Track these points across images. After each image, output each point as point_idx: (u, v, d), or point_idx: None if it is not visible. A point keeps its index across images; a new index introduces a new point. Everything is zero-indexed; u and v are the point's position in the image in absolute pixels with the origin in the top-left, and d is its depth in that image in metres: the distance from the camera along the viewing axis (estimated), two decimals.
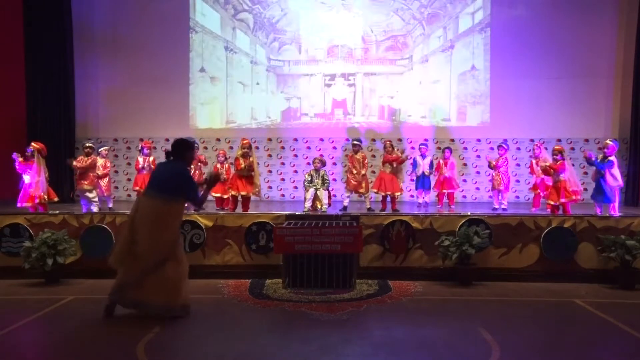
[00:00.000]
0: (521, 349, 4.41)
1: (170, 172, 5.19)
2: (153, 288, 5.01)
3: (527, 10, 10.64)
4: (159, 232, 5.03)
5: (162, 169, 5.33)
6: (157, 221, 5.04)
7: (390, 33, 10.99)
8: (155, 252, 5.02)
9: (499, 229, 6.92)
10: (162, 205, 5.06)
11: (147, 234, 5.01)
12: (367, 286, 6.42)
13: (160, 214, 5.06)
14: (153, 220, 5.03)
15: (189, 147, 5.35)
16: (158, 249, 5.03)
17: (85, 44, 10.82)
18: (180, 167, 5.26)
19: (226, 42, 11.09)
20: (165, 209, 5.08)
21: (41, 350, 4.53)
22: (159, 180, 5.17)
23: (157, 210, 5.05)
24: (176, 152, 5.26)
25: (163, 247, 5.05)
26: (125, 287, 5.09)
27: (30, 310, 5.39)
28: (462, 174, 10.49)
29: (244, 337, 4.63)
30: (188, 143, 5.38)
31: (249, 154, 8.18)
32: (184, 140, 5.38)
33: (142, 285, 5.02)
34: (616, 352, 4.51)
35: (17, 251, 6.73)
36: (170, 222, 5.13)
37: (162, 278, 5.02)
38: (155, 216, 5.04)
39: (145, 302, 5.05)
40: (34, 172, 7.82)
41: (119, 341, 4.54)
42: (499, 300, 5.98)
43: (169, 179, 5.14)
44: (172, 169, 5.22)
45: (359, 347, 4.41)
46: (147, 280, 5.01)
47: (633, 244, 6.45)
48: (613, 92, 10.61)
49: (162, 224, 5.06)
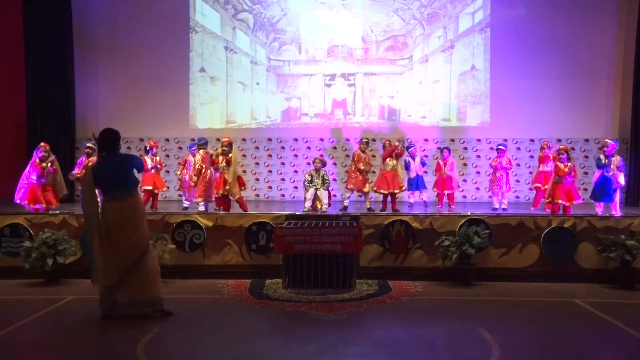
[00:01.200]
0: (521, 349, 4.41)
1: (115, 167, 5.10)
2: (138, 283, 5.02)
3: (527, 10, 10.64)
4: (133, 231, 5.04)
5: (105, 166, 5.14)
6: (128, 221, 5.03)
7: (390, 33, 10.98)
8: (134, 250, 5.03)
9: (499, 229, 6.92)
10: (126, 204, 5.05)
11: (123, 236, 5.00)
12: (367, 286, 6.43)
13: (129, 212, 5.05)
14: (125, 221, 5.02)
15: (118, 135, 5.24)
16: (137, 246, 5.04)
17: (86, 44, 10.81)
18: (120, 159, 5.19)
19: (226, 42, 11.09)
20: (130, 206, 5.07)
21: (41, 350, 4.53)
22: (111, 182, 5.08)
23: (124, 210, 5.03)
24: (109, 144, 5.16)
25: (140, 243, 5.07)
26: (111, 292, 5.04)
27: (31, 310, 5.40)
28: (462, 174, 10.49)
29: (244, 337, 4.63)
30: (115, 132, 5.22)
31: (228, 151, 8.02)
32: (110, 131, 5.21)
33: (128, 284, 5.01)
34: (616, 352, 4.51)
35: (17, 251, 6.75)
36: (139, 217, 5.13)
37: (144, 271, 5.05)
38: (126, 217, 5.03)
39: (135, 301, 5.03)
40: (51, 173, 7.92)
41: (118, 341, 4.55)
42: (499, 300, 5.98)
43: (118, 174, 5.07)
44: (115, 163, 5.12)
45: (358, 347, 4.41)
46: (130, 278, 5.01)
47: (633, 243, 6.46)
48: (613, 92, 10.61)
49: (133, 222, 5.06)
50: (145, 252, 5.12)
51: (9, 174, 8.17)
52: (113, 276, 5.03)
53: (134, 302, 5.05)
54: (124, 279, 5.02)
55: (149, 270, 5.11)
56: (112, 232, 5.04)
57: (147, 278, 5.09)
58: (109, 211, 5.07)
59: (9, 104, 10.25)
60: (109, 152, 5.17)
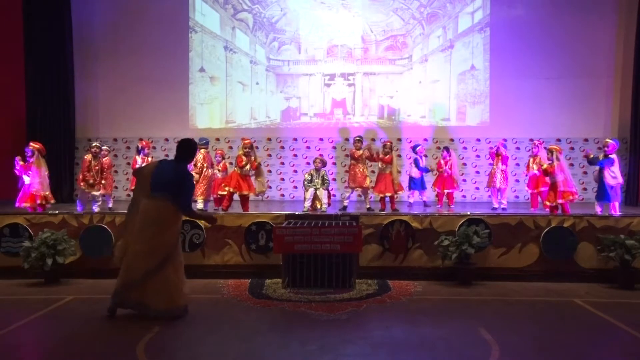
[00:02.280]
0: (521, 348, 4.42)
1: (174, 172, 5.18)
2: (155, 291, 5.03)
3: (527, 10, 10.64)
4: (162, 232, 5.07)
5: (166, 169, 5.23)
6: (161, 221, 5.07)
7: (389, 33, 10.98)
8: (158, 252, 5.05)
9: (499, 228, 6.94)
10: (167, 206, 5.08)
11: (151, 235, 5.04)
12: (366, 286, 6.43)
13: (164, 214, 5.08)
14: (157, 220, 5.06)
15: (195, 149, 5.39)
16: (161, 248, 5.06)
17: (85, 44, 10.81)
18: (184, 169, 5.28)
19: (226, 42, 11.09)
20: (170, 209, 5.10)
21: (41, 350, 4.55)
22: (164, 182, 5.12)
23: (161, 210, 5.07)
24: (182, 152, 5.26)
25: (166, 247, 5.09)
26: (129, 288, 5.09)
27: (30, 310, 5.41)
28: (461, 174, 10.49)
29: (244, 337, 4.64)
30: (194, 145, 5.39)
31: (250, 153, 8.13)
32: (191, 142, 5.35)
33: (145, 287, 5.04)
34: (616, 351, 4.52)
35: (17, 251, 6.76)
36: (172, 222, 5.17)
37: (163, 280, 5.05)
38: (160, 216, 5.07)
39: (146, 304, 5.05)
40: (35, 173, 7.82)
41: (118, 341, 4.56)
42: (498, 300, 5.99)
43: (173, 179, 5.12)
44: (176, 169, 5.21)
45: (358, 347, 4.41)
46: (150, 281, 5.03)
47: (632, 243, 6.48)
48: (613, 92, 10.60)
49: (166, 224, 5.10)
50: (169, 258, 5.09)
51: (8, 175, 8.15)
52: (135, 273, 5.06)
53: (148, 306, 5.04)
54: (143, 280, 5.03)
55: (167, 281, 5.07)
56: (142, 229, 5.06)
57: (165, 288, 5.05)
58: (146, 209, 5.11)
59: (8, 104, 10.25)
60: (178, 159, 5.24)
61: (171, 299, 5.08)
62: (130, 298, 5.09)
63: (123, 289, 5.12)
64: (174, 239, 5.20)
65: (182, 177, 5.18)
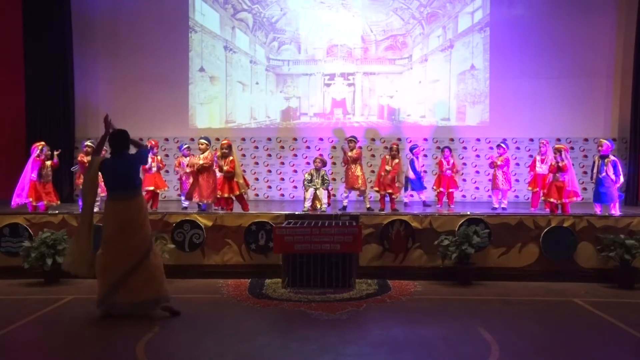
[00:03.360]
0: (521, 348, 4.43)
1: (124, 166, 5.15)
2: (139, 285, 5.02)
3: (527, 10, 10.64)
4: (137, 231, 5.06)
5: (114, 166, 5.18)
6: (132, 221, 5.06)
7: (389, 32, 10.99)
8: (137, 250, 5.04)
9: (499, 228, 6.95)
10: (131, 204, 5.09)
11: (126, 236, 5.01)
12: (366, 286, 6.44)
13: (133, 212, 5.08)
14: (129, 221, 5.05)
15: (127, 136, 5.30)
16: (139, 247, 5.06)
17: (85, 44, 10.81)
18: (130, 158, 5.25)
19: (225, 42, 11.10)
20: (135, 206, 5.11)
21: (41, 350, 4.55)
22: (119, 180, 5.12)
23: (129, 211, 5.06)
24: (117, 144, 5.23)
25: (143, 244, 5.09)
26: (111, 292, 5.04)
27: (30, 310, 5.43)
28: (461, 174, 10.50)
29: (244, 337, 4.65)
30: (125, 132, 5.31)
31: (228, 154, 8.04)
32: (122, 131, 5.29)
33: (128, 286, 5.01)
34: (616, 351, 4.53)
35: (17, 251, 6.78)
36: (142, 217, 5.16)
37: (148, 271, 5.06)
38: (131, 217, 5.06)
39: (134, 302, 5.03)
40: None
41: (118, 341, 4.57)
42: (498, 299, 6.01)
43: (127, 173, 5.13)
44: (125, 163, 5.18)
45: (358, 346, 4.42)
46: (131, 278, 5.01)
47: (632, 243, 6.50)
48: (612, 91, 10.60)
49: (137, 222, 5.09)
50: (147, 252, 5.13)
51: (8, 174, 8.16)
52: (114, 275, 5.04)
53: (137, 303, 5.04)
54: (124, 279, 5.02)
55: (153, 270, 5.13)
56: (117, 232, 5.04)
57: (152, 277, 5.10)
58: (114, 211, 5.10)
59: (8, 103, 10.24)
60: (118, 152, 5.23)
61: (159, 287, 5.11)
62: (116, 302, 5.04)
63: (105, 295, 5.07)
64: (148, 235, 5.20)
65: (131, 163, 5.20)
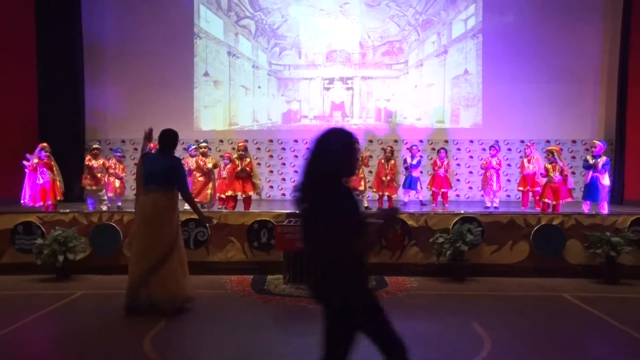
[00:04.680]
0: (512, 342, 4.49)
1: (163, 163, 5.16)
2: (158, 284, 5.04)
3: (518, 17, 10.79)
4: (160, 228, 5.07)
5: (154, 161, 5.22)
6: (157, 216, 5.07)
7: (386, 39, 11.15)
8: (158, 248, 5.06)
9: (491, 226, 7.05)
10: (161, 199, 5.10)
11: (149, 232, 5.06)
12: None
13: (160, 208, 5.09)
14: (154, 216, 5.07)
15: (177, 137, 5.35)
16: (160, 245, 5.07)
17: (95, 50, 10.91)
18: (172, 158, 5.28)
19: (229, 48, 11.26)
20: (164, 202, 5.12)
21: (52, 343, 4.64)
22: (155, 174, 5.12)
23: (157, 204, 5.08)
24: (166, 143, 5.25)
25: (166, 242, 5.09)
26: (138, 285, 5.09)
27: (42, 305, 5.52)
28: (455, 174, 10.67)
29: (246, 331, 4.72)
30: (175, 133, 5.35)
31: (245, 155, 8.32)
32: (171, 131, 5.31)
33: (149, 282, 5.05)
34: (603, 343, 4.63)
35: (30, 248, 6.89)
36: (169, 217, 5.16)
37: (166, 273, 5.07)
38: (156, 211, 5.07)
39: (152, 300, 5.04)
40: (50, 173, 8.09)
41: (126, 335, 4.67)
42: (491, 295, 6.10)
43: (164, 170, 5.12)
44: (165, 160, 5.19)
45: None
46: (153, 276, 5.05)
47: (618, 240, 6.61)
48: (599, 95, 10.77)
49: (163, 219, 5.10)
50: (170, 251, 5.11)
51: (21, 176, 8.34)
52: (139, 270, 5.09)
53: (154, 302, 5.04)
54: (147, 276, 5.06)
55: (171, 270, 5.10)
56: (142, 226, 5.11)
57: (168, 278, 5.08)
58: (142, 204, 5.16)
59: (21, 107, 10.28)
60: (162, 150, 5.26)
61: (176, 288, 5.09)
62: (140, 295, 5.07)
63: (132, 286, 5.13)
64: (173, 234, 5.16)
65: (172, 166, 5.17)
